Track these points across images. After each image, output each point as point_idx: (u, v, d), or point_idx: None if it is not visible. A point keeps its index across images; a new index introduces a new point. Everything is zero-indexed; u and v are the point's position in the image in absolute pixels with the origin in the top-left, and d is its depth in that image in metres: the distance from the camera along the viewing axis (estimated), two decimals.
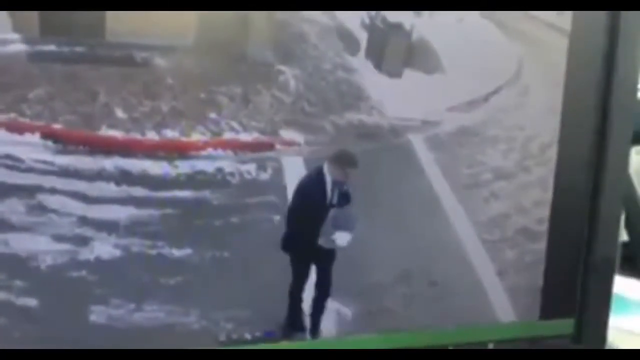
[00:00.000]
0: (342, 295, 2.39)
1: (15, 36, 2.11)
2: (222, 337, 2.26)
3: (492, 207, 2.57)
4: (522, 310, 2.59)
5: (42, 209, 2.14)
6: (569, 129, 2.55)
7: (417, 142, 2.46)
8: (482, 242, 2.55)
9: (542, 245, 2.60)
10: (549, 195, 2.58)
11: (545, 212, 2.59)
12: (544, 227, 2.60)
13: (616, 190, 2.58)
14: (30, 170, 2.14)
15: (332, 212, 2.31)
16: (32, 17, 2.12)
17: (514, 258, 2.59)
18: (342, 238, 2.30)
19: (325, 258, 2.31)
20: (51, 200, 2.15)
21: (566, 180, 2.58)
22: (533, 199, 2.59)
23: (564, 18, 2.49)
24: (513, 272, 2.59)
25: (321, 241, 2.31)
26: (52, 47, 2.16)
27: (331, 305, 2.38)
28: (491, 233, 2.57)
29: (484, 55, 2.52)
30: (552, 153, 2.57)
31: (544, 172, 2.57)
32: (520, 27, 2.54)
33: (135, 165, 2.21)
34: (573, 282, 2.62)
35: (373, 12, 2.36)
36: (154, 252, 2.20)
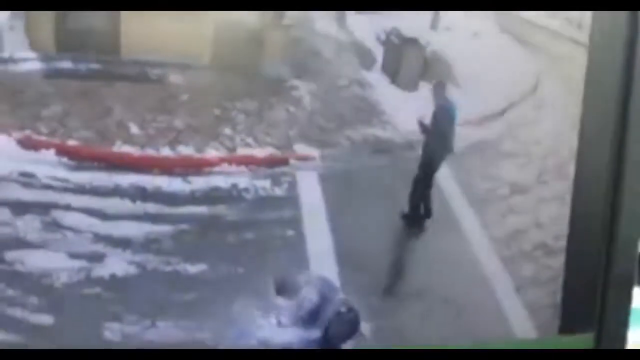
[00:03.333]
0: (360, 312, 2.37)
1: (31, 54, 2.13)
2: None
3: (509, 222, 2.54)
4: (540, 326, 2.56)
5: (57, 225, 2.14)
6: (587, 144, 2.52)
7: None
8: (499, 257, 2.52)
9: (560, 261, 2.57)
10: (566, 210, 2.55)
11: (563, 227, 2.56)
12: (562, 243, 2.57)
13: (635, 205, 2.54)
14: (45, 187, 2.15)
15: None
16: (47, 35, 2.13)
17: (531, 274, 2.56)
18: None
19: None
20: (66, 217, 2.16)
21: (584, 195, 2.55)
22: (551, 214, 2.57)
23: (582, 32, 2.47)
24: (531, 287, 2.56)
25: None
26: (67, 65, 2.17)
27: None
28: (508, 248, 2.54)
29: (501, 69, 2.50)
30: (570, 168, 2.54)
31: (561, 187, 2.54)
32: (537, 41, 2.52)
33: (150, 181, 2.22)
34: (592, 298, 2.59)
35: (388, 27, 2.35)
36: (168, 268, 2.20)
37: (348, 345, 2.26)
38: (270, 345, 2.16)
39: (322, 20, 2.24)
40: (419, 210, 2.37)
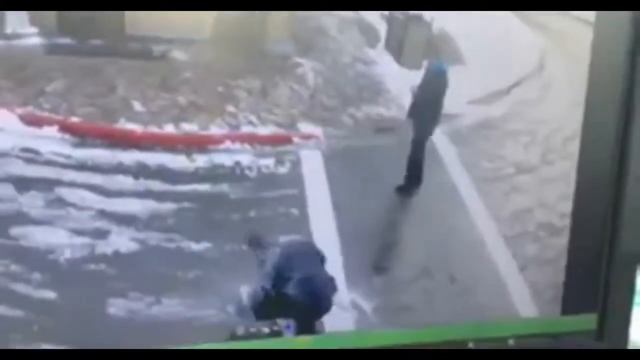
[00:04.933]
0: (363, 290, 2.37)
1: (33, 30, 2.11)
2: (240, 331, 2.25)
3: (514, 201, 2.54)
4: (544, 306, 2.56)
5: (61, 202, 2.14)
6: (592, 122, 2.51)
7: (438, 135, 2.44)
8: (503, 237, 2.52)
9: (564, 240, 2.57)
10: (571, 189, 2.54)
11: (567, 206, 2.55)
12: (567, 222, 2.56)
13: None
14: (48, 163, 2.14)
15: None
16: (49, 11, 2.12)
17: (535, 253, 2.56)
18: None
19: None
20: (70, 194, 2.15)
21: (589, 174, 2.54)
22: (555, 194, 2.56)
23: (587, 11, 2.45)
24: (535, 267, 2.56)
25: None
26: (69, 41, 2.16)
27: (352, 299, 2.37)
28: (512, 228, 2.54)
29: (506, 47, 2.48)
30: (575, 146, 2.53)
31: (566, 166, 2.54)
32: (542, 19, 2.50)
33: (154, 158, 2.21)
34: (596, 278, 2.58)
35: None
36: (172, 245, 2.20)
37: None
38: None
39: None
40: (412, 179, 2.36)
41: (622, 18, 2.49)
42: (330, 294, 2.28)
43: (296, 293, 2.24)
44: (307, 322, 2.27)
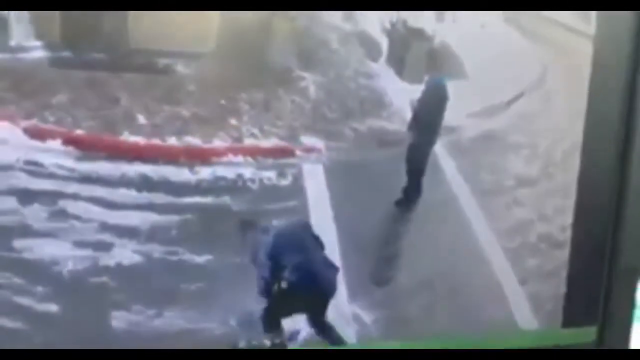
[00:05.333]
0: (364, 302, 2.38)
1: (37, 43, 2.13)
2: (242, 344, 2.26)
3: (514, 214, 2.54)
4: (544, 318, 2.57)
5: (64, 214, 2.15)
6: (593, 135, 2.52)
7: (438, 148, 2.45)
8: (503, 249, 2.53)
9: (565, 253, 2.57)
10: (572, 202, 2.55)
11: (568, 219, 2.56)
12: (567, 235, 2.57)
13: None
14: (52, 176, 2.15)
15: None
16: (54, 24, 2.13)
17: (536, 265, 2.57)
18: None
19: None
20: (73, 206, 2.16)
21: (590, 187, 2.55)
22: (556, 206, 2.57)
23: (587, 23, 2.46)
24: (535, 279, 2.57)
25: None
26: (74, 54, 2.18)
27: (353, 311, 2.37)
28: (513, 240, 2.54)
29: (507, 60, 2.49)
30: (576, 160, 2.54)
31: (567, 178, 2.54)
32: (543, 33, 2.51)
33: (157, 171, 2.22)
34: (596, 290, 2.59)
35: (394, 18, 2.35)
36: (174, 258, 2.21)
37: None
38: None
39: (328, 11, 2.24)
40: (412, 192, 2.37)
41: (622, 31, 2.50)
42: (332, 277, 2.26)
43: (296, 278, 2.22)
44: (317, 313, 2.24)
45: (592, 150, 2.56)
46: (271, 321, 2.23)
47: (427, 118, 2.32)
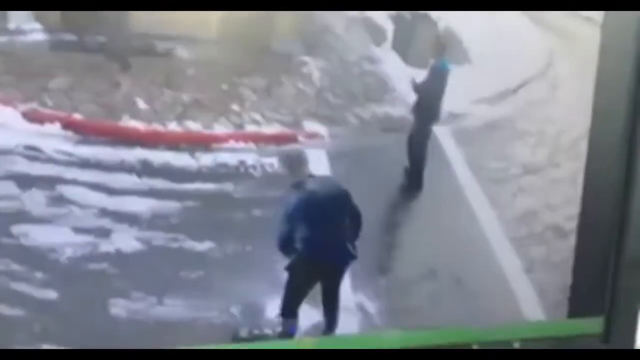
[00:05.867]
0: (369, 292, 2.35)
1: (37, 26, 2.10)
2: (244, 333, 2.23)
3: (520, 203, 2.51)
4: (550, 309, 2.53)
5: (63, 200, 2.12)
6: (600, 123, 2.48)
7: (444, 135, 2.42)
8: (509, 239, 2.49)
9: (571, 243, 2.54)
10: (579, 191, 2.51)
11: (575, 208, 2.52)
12: (574, 224, 2.53)
13: None
14: (50, 161, 2.12)
15: None
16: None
17: (542, 255, 2.53)
18: None
19: None
20: (72, 192, 2.13)
21: (597, 176, 2.51)
22: (562, 195, 2.53)
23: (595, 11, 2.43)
24: (541, 269, 2.53)
25: None
26: (73, 37, 2.14)
27: (357, 301, 2.35)
28: (519, 230, 2.51)
29: (513, 46, 2.46)
30: (583, 148, 2.50)
31: (574, 167, 2.51)
32: (550, 19, 2.48)
33: (157, 156, 2.19)
34: (603, 281, 2.55)
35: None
36: (175, 245, 2.18)
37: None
38: None
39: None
40: (414, 178, 2.34)
41: (630, 18, 2.46)
42: (347, 247, 2.21)
43: (312, 245, 2.17)
44: (332, 283, 2.22)
45: (599, 139, 2.52)
46: (291, 301, 2.19)
47: (429, 102, 2.29)
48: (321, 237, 2.21)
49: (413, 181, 2.37)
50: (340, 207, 2.20)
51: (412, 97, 2.37)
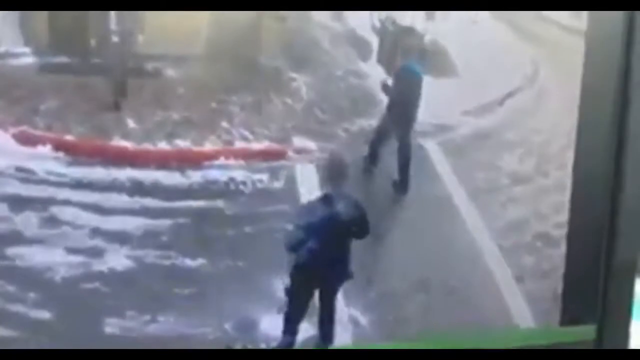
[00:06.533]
0: (360, 304, 2.37)
1: (26, 49, 2.12)
2: (237, 348, 2.24)
3: (510, 212, 2.53)
4: (542, 317, 2.55)
5: (56, 221, 2.13)
6: (586, 132, 2.51)
7: (432, 147, 2.44)
8: (499, 247, 2.51)
9: (561, 251, 2.56)
10: (567, 199, 2.54)
11: (563, 216, 2.55)
12: (563, 232, 2.56)
13: (636, 194, 2.53)
14: (42, 182, 2.14)
15: None
16: (42, 30, 2.13)
17: (532, 263, 2.55)
18: None
19: None
20: (64, 212, 2.15)
21: (584, 184, 2.54)
22: (551, 204, 2.56)
23: (579, 20, 2.46)
24: (532, 277, 2.56)
25: None
26: (63, 59, 2.17)
27: (348, 313, 2.36)
28: (508, 238, 2.53)
29: (499, 57, 2.49)
30: (570, 156, 2.53)
31: (561, 176, 2.54)
32: (535, 30, 2.51)
33: (148, 175, 2.21)
34: (594, 288, 2.57)
35: (383, 16, 2.34)
36: (167, 262, 2.19)
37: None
38: None
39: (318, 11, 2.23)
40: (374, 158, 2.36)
41: (614, 27, 2.50)
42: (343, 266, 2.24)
43: (312, 252, 2.19)
44: (329, 292, 2.25)
45: (586, 147, 2.55)
46: (290, 314, 2.20)
47: (400, 106, 2.32)
48: (326, 250, 2.24)
49: (399, 186, 2.39)
50: (355, 224, 2.25)
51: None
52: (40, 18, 2.12)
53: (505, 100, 2.51)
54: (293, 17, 2.23)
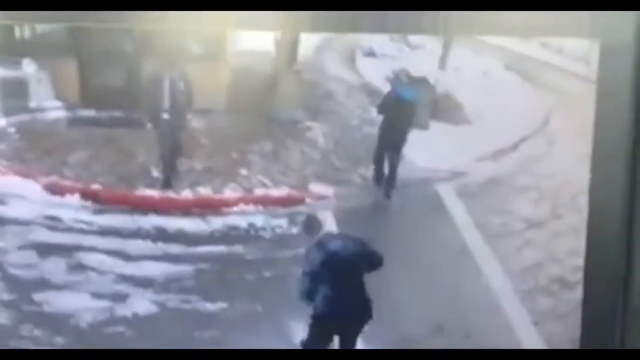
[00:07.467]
0: (378, 346, 2.39)
1: (56, 104, 2.23)
2: None
3: (525, 256, 2.56)
4: None
5: (82, 267, 2.21)
6: (599, 176, 2.53)
7: (447, 193, 2.49)
8: (515, 291, 2.53)
9: (578, 294, 2.56)
10: (582, 243, 2.55)
11: (579, 260, 2.56)
12: (579, 276, 2.57)
13: None
14: (70, 230, 2.23)
15: None
16: (72, 85, 2.24)
17: (549, 308, 2.56)
18: None
19: None
20: (90, 259, 2.23)
21: (600, 228, 2.55)
22: (567, 248, 2.57)
23: (588, 68, 2.51)
24: (549, 321, 2.56)
25: None
26: (91, 113, 2.28)
27: None
28: (525, 282, 2.55)
29: (510, 106, 2.55)
30: (584, 201, 2.55)
31: (576, 220, 2.55)
32: (545, 78, 2.56)
33: (171, 222, 2.29)
34: (611, 331, 2.57)
35: (397, 68, 2.43)
36: (188, 306, 2.25)
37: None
38: None
39: (333, 64, 2.33)
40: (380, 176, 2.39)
41: (624, 75, 2.53)
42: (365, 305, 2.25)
43: (328, 305, 2.21)
44: (348, 337, 2.27)
45: (600, 191, 2.56)
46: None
47: (388, 126, 2.38)
48: (341, 294, 2.24)
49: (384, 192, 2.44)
50: (360, 259, 2.24)
51: (414, 155, 2.46)
52: (71, 76, 2.23)
53: (519, 145, 2.56)
54: (307, 70, 2.32)
